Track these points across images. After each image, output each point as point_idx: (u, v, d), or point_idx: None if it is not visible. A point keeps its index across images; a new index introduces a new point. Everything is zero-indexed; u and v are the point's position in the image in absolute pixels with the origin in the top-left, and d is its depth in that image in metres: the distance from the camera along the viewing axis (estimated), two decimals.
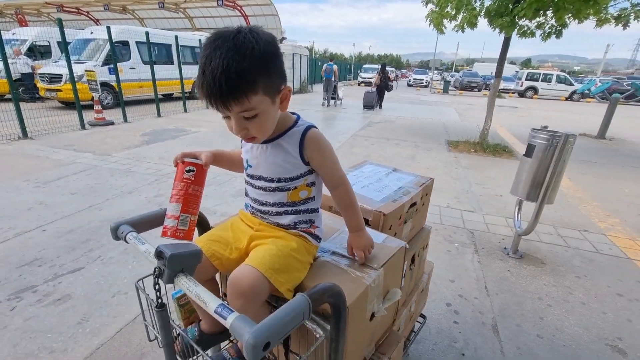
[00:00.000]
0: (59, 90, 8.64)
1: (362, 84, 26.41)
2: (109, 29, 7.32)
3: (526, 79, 21.80)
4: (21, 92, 9.01)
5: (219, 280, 1.04)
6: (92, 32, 9.83)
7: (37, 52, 10.59)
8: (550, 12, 5.31)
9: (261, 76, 0.70)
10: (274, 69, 0.73)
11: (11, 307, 1.87)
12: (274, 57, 0.73)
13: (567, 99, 20.80)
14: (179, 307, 0.94)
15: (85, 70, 7.17)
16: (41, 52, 10.75)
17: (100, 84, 7.05)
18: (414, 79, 29.72)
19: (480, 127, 6.56)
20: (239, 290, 0.73)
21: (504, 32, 5.49)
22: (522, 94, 21.76)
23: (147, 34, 8.32)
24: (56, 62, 9.50)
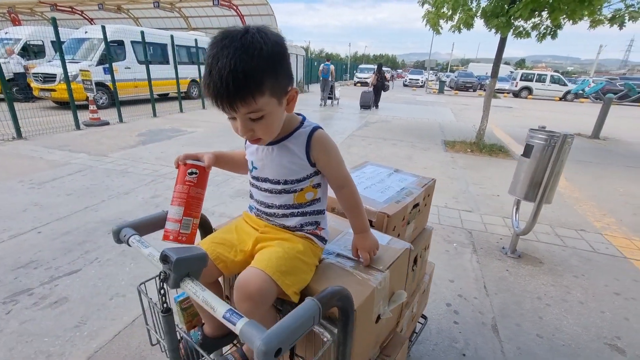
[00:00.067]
0: (53, 90, 8.55)
1: (358, 84, 26.44)
2: (103, 28, 7.26)
3: (521, 80, 21.97)
4: (15, 92, 8.89)
5: (222, 282, 1.03)
6: (86, 32, 9.73)
7: (30, 52, 10.46)
8: (545, 13, 5.35)
9: (269, 77, 0.69)
10: (282, 70, 0.72)
11: (7, 311, 1.84)
12: (281, 57, 0.72)
13: (561, 99, 20.98)
14: (182, 310, 0.93)
15: (79, 69, 7.10)
16: (35, 51, 10.63)
17: (95, 84, 6.98)
18: (410, 79, 29.84)
19: (476, 127, 6.59)
20: (246, 293, 0.72)
21: (499, 33, 5.52)
22: (516, 94, 21.91)
23: (142, 33, 8.26)
24: (50, 61, 9.40)
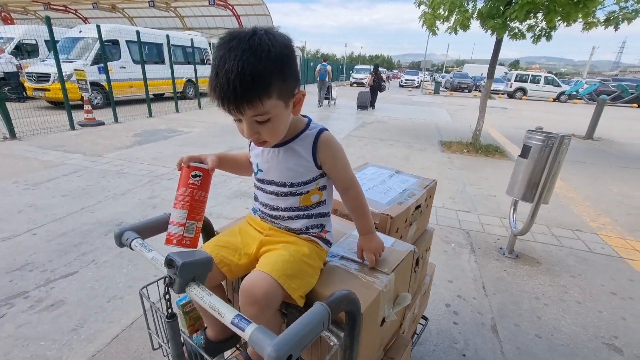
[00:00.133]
0: (47, 89, 8.45)
1: (355, 85, 26.46)
2: (98, 27, 7.18)
3: (515, 81, 22.13)
4: (7, 91, 8.79)
5: (224, 285, 1.02)
6: (80, 31, 9.64)
7: (24, 51, 10.34)
8: (540, 15, 5.39)
9: (276, 80, 0.68)
10: (289, 72, 0.71)
11: (2, 314, 1.81)
12: (289, 60, 0.71)
13: (554, 100, 21.18)
14: (184, 314, 0.92)
15: (74, 69, 7.02)
16: (28, 50, 10.51)
17: (90, 84, 6.92)
18: (406, 79, 29.95)
19: (472, 127, 6.63)
20: (252, 297, 0.72)
21: (495, 34, 5.55)
22: (511, 95, 22.08)
23: (137, 32, 8.20)
24: (44, 61, 9.29)
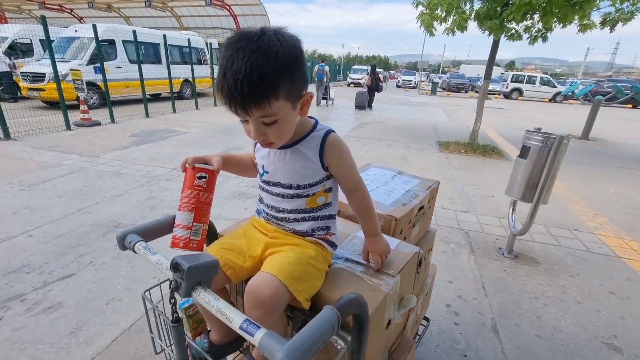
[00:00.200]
0: (42, 89, 8.39)
1: (352, 85, 26.49)
2: (94, 27, 7.13)
3: (511, 81, 22.26)
4: (1, 91, 8.70)
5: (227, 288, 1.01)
6: (76, 30, 9.57)
7: (18, 50, 10.24)
8: (536, 16, 5.43)
9: (284, 81, 0.67)
10: (298, 74, 0.70)
11: None
12: (298, 61, 0.70)
13: (550, 101, 21.33)
14: (187, 317, 0.91)
15: (70, 69, 6.97)
16: (23, 50, 10.41)
17: (85, 84, 6.86)
18: (403, 80, 30.01)
19: (469, 128, 6.65)
20: (257, 300, 0.71)
21: (493, 35, 5.58)
22: (507, 96, 22.21)
23: (134, 32, 8.15)
24: (39, 60, 9.21)
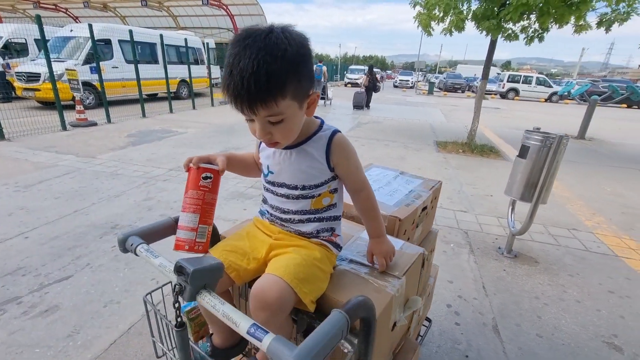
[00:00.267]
0: (37, 89, 8.31)
1: (349, 85, 26.50)
2: (90, 26, 7.07)
3: (508, 81, 22.37)
4: None
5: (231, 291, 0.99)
6: (72, 30, 9.49)
7: (12, 50, 10.15)
8: (533, 16, 5.45)
9: (291, 80, 0.66)
10: (305, 73, 0.69)
11: None
12: (305, 60, 0.69)
13: (546, 101, 21.46)
14: (189, 320, 0.89)
15: (65, 69, 6.91)
16: (17, 50, 10.31)
17: (81, 83, 6.81)
18: (400, 80, 30.06)
19: (467, 127, 6.66)
20: (263, 302, 0.69)
21: (490, 35, 5.60)
22: (503, 96, 22.31)
23: (130, 32, 8.09)
24: (34, 60, 9.13)
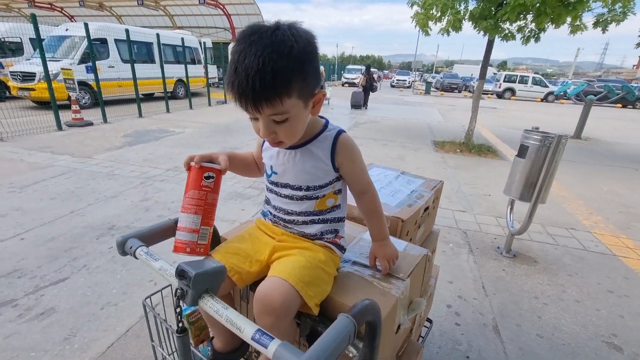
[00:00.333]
0: (33, 89, 8.23)
1: (346, 85, 26.48)
2: (86, 25, 7.01)
3: (504, 81, 22.46)
4: None
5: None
6: (67, 29, 9.41)
7: (6, 49, 10.05)
8: (530, 16, 5.47)
9: (297, 78, 0.65)
10: (311, 71, 0.68)
11: None
12: (312, 58, 0.67)
13: (542, 100, 21.57)
14: (190, 324, 0.88)
15: (61, 68, 6.85)
16: (12, 49, 10.21)
17: (77, 83, 6.75)
18: (397, 79, 30.10)
19: (464, 127, 6.68)
20: (268, 306, 0.67)
21: (487, 35, 5.61)
22: (500, 95, 22.39)
23: (127, 31, 8.04)
24: (29, 59, 9.04)
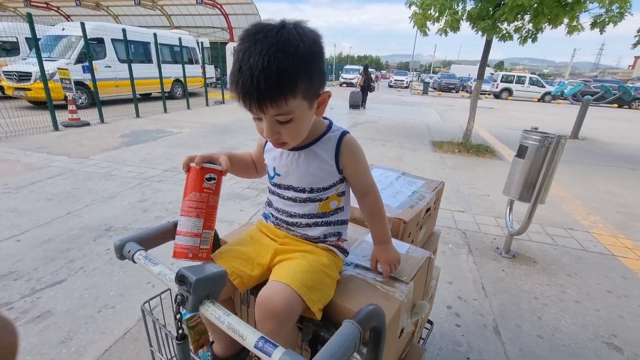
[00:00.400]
0: (29, 89, 8.16)
1: (344, 85, 26.49)
2: (83, 25, 6.96)
3: (501, 81, 22.53)
4: None
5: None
6: (63, 29, 9.35)
7: (1, 49, 9.96)
8: (527, 17, 5.48)
9: (303, 78, 0.63)
10: (317, 71, 0.66)
11: None
12: (317, 57, 0.66)
13: (539, 100, 21.67)
14: (189, 329, 0.86)
15: (57, 68, 6.79)
16: (7, 48, 10.13)
17: (74, 83, 6.70)
18: (395, 79, 30.14)
19: (462, 127, 6.68)
20: (270, 311, 0.66)
21: (485, 35, 5.62)
22: (497, 96, 22.48)
23: (124, 31, 7.99)
24: (25, 59, 8.97)
